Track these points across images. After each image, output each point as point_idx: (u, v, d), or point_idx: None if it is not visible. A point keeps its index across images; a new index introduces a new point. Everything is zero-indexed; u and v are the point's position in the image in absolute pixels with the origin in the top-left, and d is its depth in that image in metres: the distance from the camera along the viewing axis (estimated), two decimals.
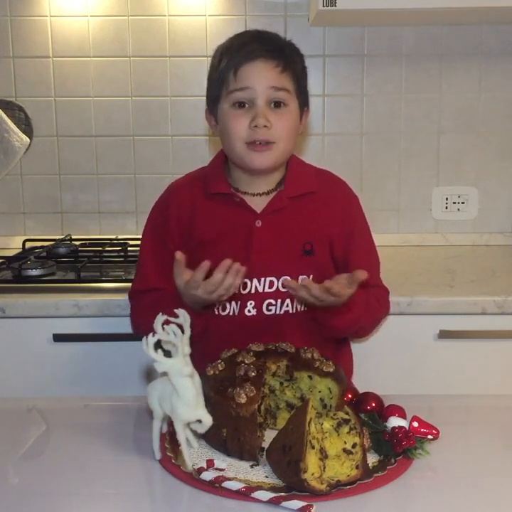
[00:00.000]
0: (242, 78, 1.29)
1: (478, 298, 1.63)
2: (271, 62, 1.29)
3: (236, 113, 1.30)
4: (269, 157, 1.31)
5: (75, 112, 2.14)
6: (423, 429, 1.01)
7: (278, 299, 1.35)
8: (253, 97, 1.29)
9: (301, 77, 1.36)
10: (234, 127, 1.30)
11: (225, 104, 1.31)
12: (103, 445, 1.05)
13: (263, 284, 1.34)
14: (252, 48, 1.29)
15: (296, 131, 1.36)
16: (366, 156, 2.18)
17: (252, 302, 1.34)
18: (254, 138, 1.29)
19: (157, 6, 2.09)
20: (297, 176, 1.39)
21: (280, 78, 1.29)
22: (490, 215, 2.20)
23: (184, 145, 2.16)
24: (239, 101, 1.30)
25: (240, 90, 1.29)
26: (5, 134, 2.10)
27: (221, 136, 1.37)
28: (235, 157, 1.34)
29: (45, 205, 2.19)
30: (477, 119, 2.15)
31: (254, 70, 1.28)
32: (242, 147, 1.31)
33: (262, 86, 1.28)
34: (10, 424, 1.15)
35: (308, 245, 1.36)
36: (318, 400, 1.07)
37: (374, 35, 2.10)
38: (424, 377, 1.65)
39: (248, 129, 1.29)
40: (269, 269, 1.34)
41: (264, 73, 1.28)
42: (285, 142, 1.32)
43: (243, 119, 1.29)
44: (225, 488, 0.90)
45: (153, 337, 0.93)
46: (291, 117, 1.32)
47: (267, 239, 1.35)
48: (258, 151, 1.30)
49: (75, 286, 1.70)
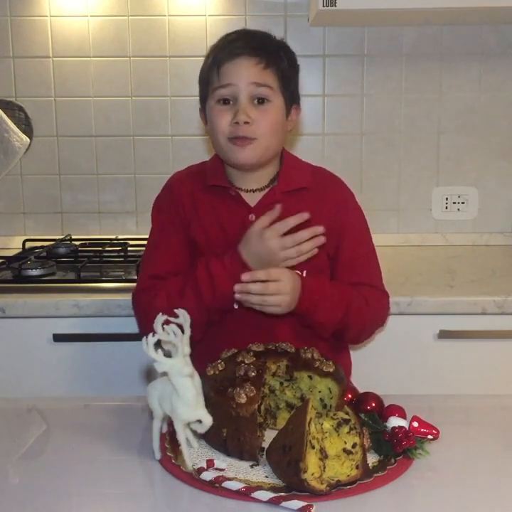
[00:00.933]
0: (224, 75, 1.31)
1: (478, 298, 1.63)
2: (253, 58, 1.30)
3: (220, 109, 1.32)
4: (252, 152, 1.32)
5: (75, 112, 2.14)
6: (423, 429, 1.00)
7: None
8: (236, 94, 1.30)
9: (287, 74, 1.36)
10: (217, 123, 1.32)
11: (211, 101, 1.34)
12: (103, 445, 1.05)
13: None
14: (234, 45, 1.32)
15: (281, 128, 1.36)
16: (366, 156, 2.18)
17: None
18: (235, 134, 1.30)
19: (157, 6, 2.09)
20: (291, 172, 1.40)
21: (262, 74, 1.31)
22: (490, 215, 2.20)
23: (184, 145, 2.16)
24: (223, 98, 1.32)
25: (223, 87, 1.31)
26: (5, 134, 2.10)
27: (209, 133, 1.39)
28: (220, 153, 1.37)
29: (45, 205, 2.19)
30: (477, 119, 2.15)
31: (235, 66, 1.30)
32: (224, 143, 1.32)
33: (244, 82, 1.30)
34: (10, 424, 1.15)
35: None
36: (318, 400, 1.07)
37: (374, 35, 2.10)
38: (424, 377, 1.65)
39: (230, 125, 1.31)
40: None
41: (245, 70, 1.30)
42: (267, 138, 1.32)
43: (226, 115, 1.31)
44: (225, 488, 0.90)
45: (153, 337, 0.93)
46: (274, 113, 1.33)
47: None
48: (239, 146, 1.31)
49: (75, 286, 1.70)
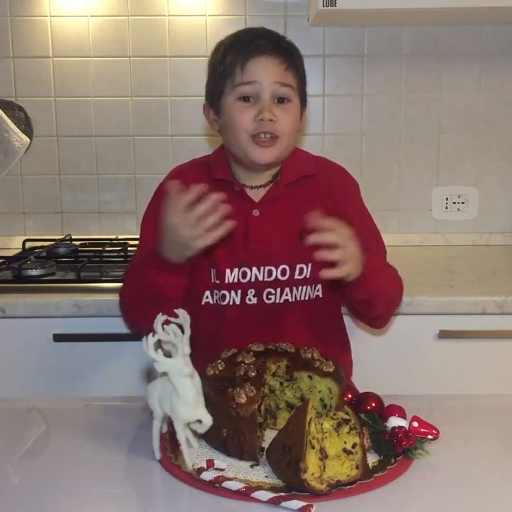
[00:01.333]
0: (249, 72, 1.30)
1: (478, 298, 1.63)
2: (277, 58, 1.31)
3: (242, 105, 1.31)
4: (273, 153, 1.32)
5: (75, 112, 2.14)
6: (423, 429, 1.00)
7: (277, 287, 1.35)
8: (259, 91, 1.30)
9: (304, 75, 1.38)
10: (239, 119, 1.31)
11: (230, 97, 1.32)
12: (103, 445, 1.05)
13: (262, 272, 1.35)
14: (259, 43, 1.31)
15: (298, 128, 1.38)
16: (366, 156, 2.18)
17: (252, 291, 1.35)
18: (259, 130, 1.30)
19: (157, 6, 2.09)
20: (293, 162, 1.40)
21: (285, 75, 1.31)
22: (490, 215, 2.20)
23: (184, 145, 2.16)
24: (244, 95, 1.31)
25: (247, 84, 1.30)
26: (5, 134, 2.10)
27: (223, 130, 1.37)
28: (238, 150, 1.34)
29: (45, 205, 2.19)
30: (477, 119, 2.15)
31: (261, 64, 1.30)
32: (246, 140, 1.31)
33: (268, 81, 1.29)
34: (10, 424, 1.15)
35: (305, 233, 1.35)
36: (318, 400, 1.07)
37: (374, 35, 2.10)
38: (424, 377, 1.65)
39: (253, 121, 1.30)
40: (267, 257, 1.35)
41: (270, 68, 1.30)
42: (289, 137, 1.33)
43: (249, 112, 1.30)
44: (225, 488, 0.90)
45: (153, 337, 0.93)
46: (294, 113, 1.34)
47: (264, 227, 1.36)
48: (262, 147, 1.31)
49: (75, 286, 1.70)
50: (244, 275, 1.35)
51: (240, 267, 1.35)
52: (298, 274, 1.35)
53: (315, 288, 1.37)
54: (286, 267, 1.35)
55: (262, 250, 1.35)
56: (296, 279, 1.36)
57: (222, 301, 1.36)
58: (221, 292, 1.35)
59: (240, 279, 1.35)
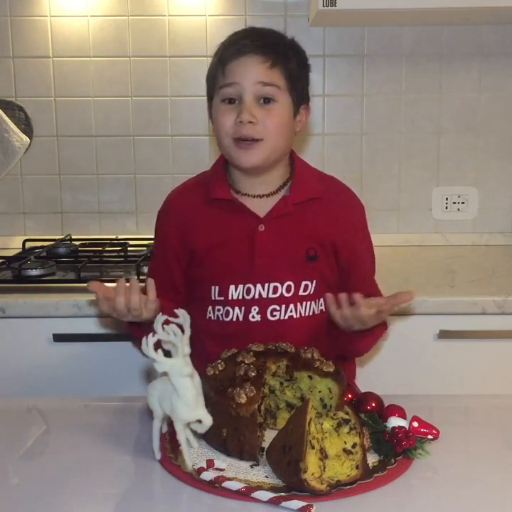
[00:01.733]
0: (230, 74, 1.28)
1: (478, 298, 1.63)
2: (259, 57, 1.28)
3: (225, 108, 1.30)
4: (257, 155, 1.29)
5: (75, 112, 2.14)
6: (423, 429, 1.01)
7: (282, 304, 1.33)
8: (240, 93, 1.28)
9: (296, 73, 1.33)
10: (221, 122, 1.30)
11: (216, 99, 1.31)
12: (103, 445, 1.05)
13: (267, 289, 1.32)
14: (241, 44, 1.29)
15: (289, 128, 1.33)
16: (366, 156, 2.18)
17: (256, 308, 1.33)
18: (239, 134, 1.27)
19: (157, 6, 2.09)
20: (302, 182, 1.37)
21: (269, 73, 1.28)
22: (490, 215, 2.20)
23: (184, 145, 2.16)
24: (228, 97, 1.29)
25: (228, 86, 1.28)
26: (5, 134, 2.10)
27: (214, 132, 1.37)
28: (224, 153, 1.34)
29: (45, 205, 2.19)
30: (477, 119, 2.15)
31: (240, 65, 1.28)
32: (229, 143, 1.30)
33: (249, 81, 1.27)
34: (10, 424, 1.15)
35: (312, 251, 1.34)
36: (318, 400, 1.07)
37: (374, 35, 2.10)
38: (424, 377, 1.65)
39: (234, 124, 1.28)
40: (272, 274, 1.33)
41: (250, 68, 1.28)
42: (274, 139, 1.29)
43: (230, 115, 1.29)
44: (225, 488, 0.90)
45: (153, 337, 0.93)
46: (280, 113, 1.30)
47: (270, 243, 1.33)
48: (244, 149, 1.28)
49: (75, 286, 1.70)
50: (248, 292, 1.33)
51: (245, 283, 1.32)
52: (302, 291, 1.33)
53: (318, 302, 1.36)
54: (292, 284, 1.32)
55: (267, 265, 1.32)
56: (301, 296, 1.34)
57: (226, 317, 1.34)
58: (225, 308, 1.33)
59: (244, 296, 1.32)
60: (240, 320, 1.33)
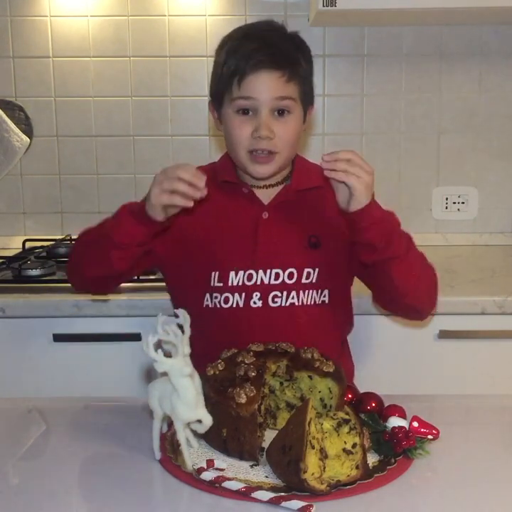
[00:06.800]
0: (246, 88, 1.28)
1: (478, 298, 1.63)
2: (276, 72, 1.27)
3: (239, 119, 1.30)
4: (271, 168, 1.32)
5: (75, 112, 2.14)
6: (423, 429, 1.01)
7: (284, 291, 1.34)
8: (257, 107, 1.28)
9: (307, 78, 1.35)
10: (237, 135, 1.30)
11: (229, 109, 1.31)
12: (103, 445, 1.05)
13: (269, 275, 1.34)
14: (258, 57, 1.27)
15: (300, 135, 1.36)
16: (366, 156, 2.14)
17: (257, 294, 1.33)
18: (256, 147, 1.29)
19: (157, 6, 2.09)
20: (303, 171, 1.40)
21: (285, 87, 1.29)
22: (490, 215, 2.20)
23: (184, 145, 2.16)
24: (243, 108, 1.29)
25: (244, 99, 1.29)
26: (5, 134, 2.10)
27: (225, 138, 1.37)
28: (237, 163, 1.35)
29: (45, 205, 2.19)
30: (477, 119, 2.15)
31: (258, 80, 1.27)
32: (244, 155, 1.31)
33: (266, 96, 1.27)
34: (10, 424, 1.15)
35: (313, 238, 1.36)
36: (318, 400, 1.07)
37: (374, 35, 2.10)
38: (424, 377, 1.65)
39: (250, 137, 1.29)
40: (274, 260, 1.34)
41: (268, 84, 1.27)
42: (288, 150, 1.32)
43: (246, 127, 1.29)
44: (225, 488, 0.90)
45: (153, 337, 0.93)
46: (295, 124, 1.32)
47: (273, 231, 1.35)
48: (260, 163, 1.30)
49: None
50: (249, 278, 1.33)
51: (246, 269, 1.33)
52: (305, 279, 1.34)
53: (321, 293, 1.36)
54: (294, 271, 1.33)
55: (270, 252, 1.34)
56: (303, 284, 1.34)
57: (225, 304, 1.34)
58: (223, 295, 1.34)
59: (244, 282, 1.33)
60: (239, 306, 1.34)
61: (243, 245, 1.33)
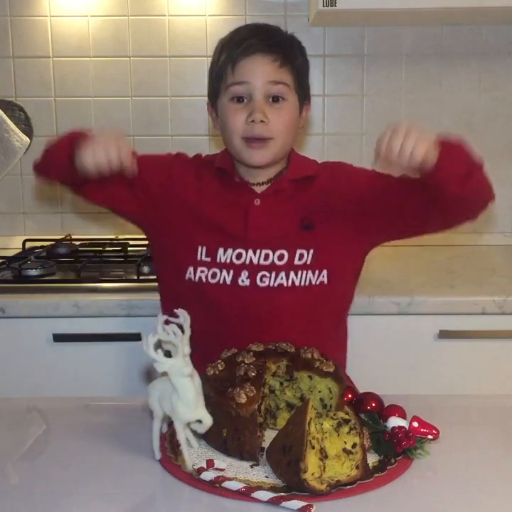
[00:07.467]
0: (240, 73, 1.29)
1: (478, 298, 1.63)
2: (269, 56, 1.29)
3: (234, 107, 1.30)
4: (267, 154, 1.31)
5: (75, 112, 2.14)
6: (423, 429, 1.00)
7: (272, 271, 1.33)
8: (251, 92, 1.29)
9: (302, 71, 1.35)
10: (231, 122, 1.31)
11: (224, 98, 1.32)
12: (103, 445, 1.05)
13: (258, 255, 1.33)
14: (250, 42, 1.29)
15: (296, 125, 1.36)
16: (366, 156, 2.18)
17: (245, 272, 1.33)
18: (251, 133, 1.29)
19: (157, 6, 2.09)
20: (299, 162, 1.40)
21: (278, 72, 1.29)
22: (490, 215, 2.20)
23: (184, 145, 2.15)
24: (237, 95, 1.30)
25: (238, 84, 1.29)
26: (5, 134, 2.10)
27: (221, 130, 1.37)
28: (233, 152, 1.35)
29: (45, 205, 2.19)
30: (477, 119, 2.15)
31: (251, 64, 1.29)
32: (239, 142, 1.31)
33: (260, 80, 1.28)
34: (10, 424, 1.15)
35: (306, 220, 1.35)
36: (318, 400, 1.07)
37: (374, 35, 2.10)
38: (424, 377, 1.65)
39: (245, 124, 1.29)
40: (265, 242, 1.34)
41: (261, 67, 1.29)
42: (283, 137, 1.32)
43: (241, 114, 1.29)
44: (225, 488, 0.90)
45: (153, 337, 0.93)
46: (289, 112, 1.32)
47: (264, 215, 1.35)
48: (255, 148, 1.30)
49: (75, 286, 1.70)
50: (238, 256, 1.33)
51: (235, 247, 1.33)
52: (298, 260, 1.33)
53: (319, 274, 1.34)
54: (285, 252, 1.33)
55: (260, 234, 1.34)
56: (296, 265, 1.33)
57: (212, 279, 1.33)
58: (211, 270, 1.33)
59: (232, 260, 1.33)
60: (227, 283, 1.33)
61: (234, 226, 1.33)
